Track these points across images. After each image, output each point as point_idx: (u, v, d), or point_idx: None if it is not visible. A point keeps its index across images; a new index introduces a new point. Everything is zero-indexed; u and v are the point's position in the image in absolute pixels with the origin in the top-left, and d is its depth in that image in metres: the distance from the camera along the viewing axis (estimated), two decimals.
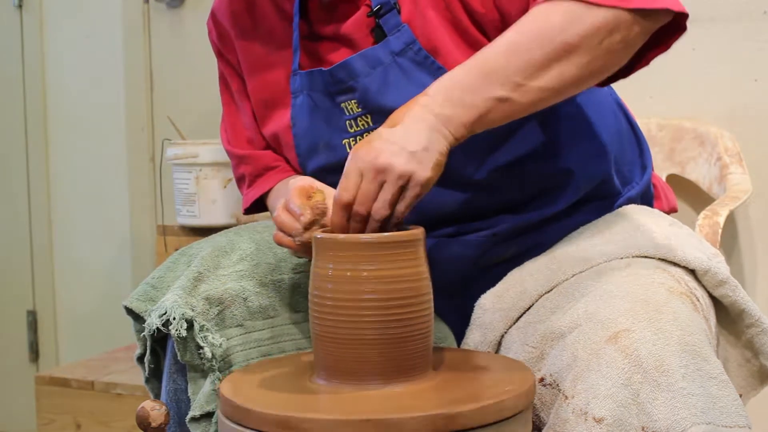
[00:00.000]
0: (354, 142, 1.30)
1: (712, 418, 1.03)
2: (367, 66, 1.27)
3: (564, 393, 1.09)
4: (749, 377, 1.29)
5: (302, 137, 1.35)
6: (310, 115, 1.34)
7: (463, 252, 1.31)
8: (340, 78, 1.29)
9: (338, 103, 1.31)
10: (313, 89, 1.33)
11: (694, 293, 1.19)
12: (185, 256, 1.29)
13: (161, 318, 1.19)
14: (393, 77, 1.26)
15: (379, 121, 1.23)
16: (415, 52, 1.25)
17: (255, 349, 1.24)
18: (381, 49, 1.27)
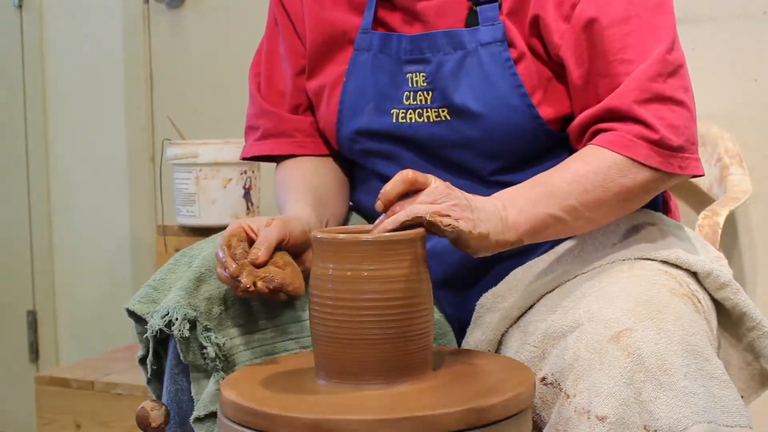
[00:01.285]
0: (404, 114, 1.32)
1: (714, 417, 1.03)
2: (449, 45, 1.29)
3: (566, 392, 1.09)
4: (750, 380, 1.29)
5: (352, 93, 1.36)
6: (371, 74, 1.34)
7: None
8: (420, 47, 1.31)
9: (405, 72, 1.32)
10: (383, 51, 1.34)
11: (695, 295, 1.19)
12: (186, 257, 1.29)
13: (164, 319, 1.19)
14: (469, 64, 1.28)
15: (438, 101, 1.31)
16: (501, 51, 1.27)
17: (258, 348, 1.24)
18: (469, 35, 1.29)
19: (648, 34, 1.21)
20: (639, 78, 1.19)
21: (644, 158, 1.18)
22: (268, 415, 0.99)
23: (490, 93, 1.27)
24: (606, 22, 1.21)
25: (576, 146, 1.27)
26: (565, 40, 1.23)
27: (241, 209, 2.21)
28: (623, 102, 1.19)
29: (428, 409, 0.98)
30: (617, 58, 1.21)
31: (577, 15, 1.23)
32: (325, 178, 1.43)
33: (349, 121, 1.36)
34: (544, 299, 1.22)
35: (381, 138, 1.34)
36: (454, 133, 1.30)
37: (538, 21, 1.25)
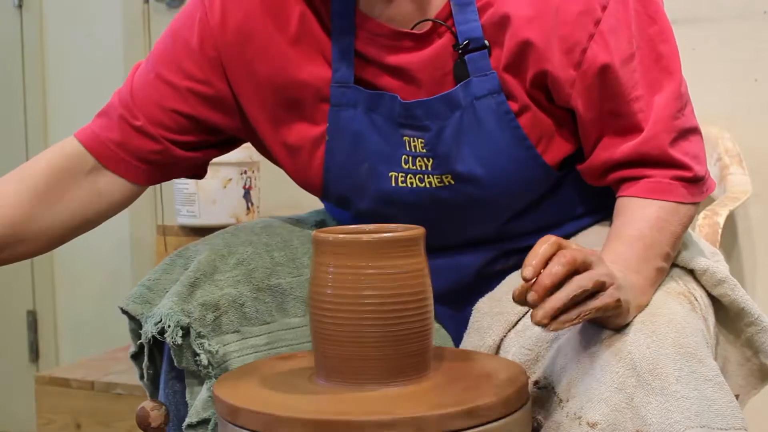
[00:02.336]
0: (404, 178, 1.25)
1: (707, 420, 1.02)
2: (446, 108, 1.22)
3: (558, 396, 1.09)
4: (749, 376, 1.29)
5: (340, 153, 1.26)
6: (362, 132, 1.25)
7: (469, 261, 1.31)
8: (416, 115, 1.22)
9: (401, 135, 1.24)
10: (375, 110, 1.25)
11: (692, 293, 1.18)
12: (182, 258, 1.28)
13: (157, 326, 1.19)
14: (467, 123, 1.21)
15: (440, 168, 1.23)
16: (498, 103, 1.21)
17: (252, 355, 1.23)
18: (462, 90, 1.21)
19: (654, 67, 1.21)
20: (664, 118, 1.19)
21: (683, 197, 1.20)
22: (268, 415, 0.99)
23: (494, 153, 1.21)
24: (618, 65, 1.18)
25: (594, 183, 1.26)
26: (576, 87, 1.19)
27: (241, 209, 2.21)
28: (657, 147, 1.19)
29: (427, 410, 0.98)
30: (631, 97, 1.19)
31: (589, 61, 1.18)
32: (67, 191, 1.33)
33: (339, 182, 1.28)
34: None
35: (379, 201, 1.28)
36: (460, 196, 1.25)
37: (544, 75, 1.19)
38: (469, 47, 1.20)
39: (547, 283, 0.96)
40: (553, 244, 0.99)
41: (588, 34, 1.17)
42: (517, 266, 1.30)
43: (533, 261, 0.97)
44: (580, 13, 1.17)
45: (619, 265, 1.08)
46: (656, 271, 1.15)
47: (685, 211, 1.21)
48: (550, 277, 0.97)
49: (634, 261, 1.12)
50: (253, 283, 1.26)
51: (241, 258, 1.26)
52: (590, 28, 1.17)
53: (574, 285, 0.98)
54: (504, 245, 1.31)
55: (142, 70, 1.32)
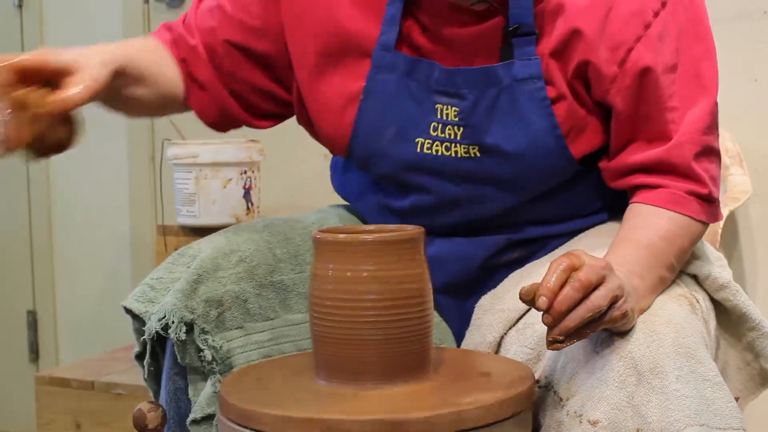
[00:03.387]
0: (429, 145, 1.27)
1: (706, 420, 1.02)
2: (485, 82, 1.24)
3: (558, 395, 1.09)
4: (748, 380, 1.29)
5: (371, 114, 1.29)
6: (394, 97, 1.28)
7: (474, 252, 1.32)
8: (455, 81, 1.25)
9: (434, 102, 1.27)
10: (411, 76, 1.27)
11: (694, 295, 1.19)
12: (184, 256, 1.29)
13: (160, 322, 1.19)
14: (503, 101, 1.24)
15: (469, 138, 1.26)
16: (537, 88, 1.23)
17: (255, 351, 1.24)
18: (503, 70, 1.23)
19: (692, 82, 1.23)
20: (693, 131, 1.22)
21: (695, 213, 1.22)
22: (268, 415, 0.99)
23: (524, 134, 1.24)
24: (660, 70, 1.21)
25: (610, 183, 1.28)
26: (616, 84, 1.21)
27: (241, 209, 2.21)
28: (681, 156, 1.21)
29: (428, 410, 0.98)
30: (666, 105, 1.22)
31: (632, 61, 1.20)
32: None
33: (365, 142, 1.30)
34: None
35: (401, 166, 1.30)
36: (482, 169, 1.27)
37: (587, 65, 1.22)
38: (518, 31, 1.23)
39: (563, 310, 0.99)
40: (566, 270, 1.00)
41: (636, 35, 1.20)
42: (521, 260, 1.31)
43: (547, 292, 0.99)
44: (633, 13, 1.20)
45: (624, 269, 1.09)
46: (659, 279, 1.16)
47: (695, 229, 1.22)
48: (565, 303, 0.99)
49: (639, 266, 1.13)
50: (256, 279, 1.26)
51: (243, 255, 1.27)
52: (639, 30, 1.20)
53: (591, 305, 1.00)
54: (511, 235, 1.32)
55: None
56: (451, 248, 1.32)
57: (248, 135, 2.31)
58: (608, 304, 1.01)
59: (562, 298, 0.99)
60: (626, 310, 1.04)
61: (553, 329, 1.00)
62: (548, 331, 1.01)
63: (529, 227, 1.32)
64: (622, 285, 1.04)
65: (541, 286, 0.99)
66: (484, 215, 1.31)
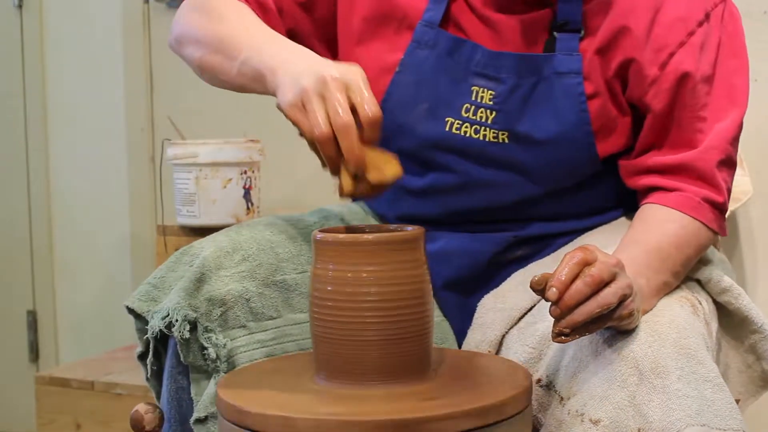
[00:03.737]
0: (459, 125, 1.27)
1: (707, 420, 1.03)
2: (526, 69, 1.25)
3: (560, 394, 1.09)
4: (749, 383, 1.29)
5: (404, 88, 1.30)
6: (431, 74, 1.28)
7: (481, 248, 1.32)
8: (496, 65, 1.27)
9: (470, 83, 1.28)
10: (451, 55, 1.28)
11: (696, 297, 1.20)
12: (187, 255, 1.28)
13: (164, 320, 1.19)
14: (540, 91, 1.25)
15: (500, 123, 1.26)
16: (575, 84, 1.24)
17: (258, 350, 1.24)
18: (545, 61, 1.25)
19: (724, 96, 1.26)
20: (720, 138, 1.24)
21: (708, 221, 1.23)
22: (267, 415, 0.99)
23: (556, 125, 1.25)
24: (698, 78, 1.23)
25: (626, 180, 1.29)
26: (655, 86, 1.23)
27: (241, 209, 2.21)
28: (706, 161, 1.23)
29: (428, 411, 0.98)
30: (697, 114, 1.24)
31: (673, 66, 1.23)
32: None
33: (393, 115, 1.29)
34: (543, 300, 1.22)
35: (426, 144, 1.30)
36: (507, 156, 1.28)
37: (630, 63, 1.24)
38: (564, 27, 1.24)
39: (572, 304, 0.99)
40: (579, 264, 1.01)
41: (679, 40, 1.23)
42: (525, 257, 1.31)
43: (558, 284, 0.99)
44: (679, 18, 1.23)
45: (631, 270, 1.10)
46: (663, 284, 1.16)
47: (704, 237, 1.23)
48: (575, 297, 1.00)
49: (645, 269, 1.14)
50: (259, 278, 1.26)
51: (245, 254, 1.27)
52: (683, 36, 1.23)
53: (600, 302, 1.00)
54: (518, 232, 1.32)
55: None
56: (457, 244, 1.32)
57: (248, 135, 2.31)
58: (617, 301, 1.02)
59: (572, 292, 0.99)
60: (633, 310, 1.05)
61: (559, 321, 1.00)
62: (554, 323, 1.01)
63: (537, 223, 1.33)
64: (631, 284, 1.04)
65: (553, 278, 1.00)
66: (500, 203, 1.31)
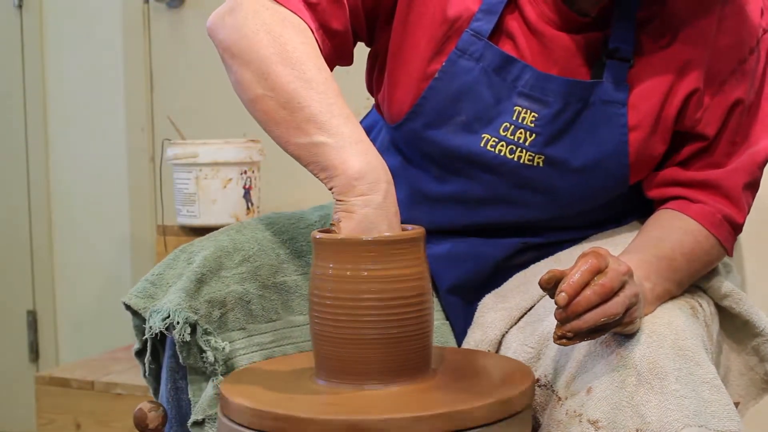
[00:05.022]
0: (495, 143, 1.24)
1: (704, 421, 1.03)
2: (573, 95, 1.23)
3: (558, 394, 1.09)
4: (750, 386, 1.30)
5: (442, 97, 1.24)
6: (473, 87, 1.24)
7: (489, 253, 1.32)
8: (544, 87, 1.23)
9: (514, 102, 1.24)
10: (499, 73, 1.24)
11: (696, 300, 1.20)
12: (185, 253, 1.28)
13: (164, 322, 1.19)
14: (584, 118, 1.23)
15: (538, 147, 1.23)
16: (619, 114, 1.22)
17: (257, 352, 1.24)
18: (592, 87, 1.22)
19: (760, 123, 1.26)
20: (750, 161, 1.24)
21: (723, 239, 1.24)
22: (267, 415, 0.99)
23: (594, 154, 1.23)
24: (746, 105, 1.23)
25: (647, 191, 1.29)
26: (707, 114, 1.23)
27: (241, 209, 2.21)
28: (733, 180, 1.23)
29: (428, 410, 0.98)
30: (731, 138, 1.24)
31: (726, 93, 1.22)
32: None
33: (426, 121, 1.26)
34: (544, 300, 1.22)
35: (457, 156, 1.27)
36: (539, 180, 1.25)
37: (693, 94, 1.22)
38: (614, 54, 1.22)
39: (579, 311, 1.00)
40: (591, 271, 1.00)
41: (731, 68, 1.22)
42: (531, 261, 1.31)
43: (569, 289, 0.99)
44: (731, 47, 1.22)
45: (639, 273, 1.10)
46: (666, 291, 1.16)
47: (716, 254, 1.24)
48: (583, 305, 1.00)
49: (654, 275, 1.14)
50: (259, 280, 1.26)
51: (246, 255, 1.26)
52: (734, 64, 1.22)
53: (607, 311, 1.00)
54: (528, 239, 1.32)
55: None
56: (465, 247, 1.31)
57: (248, 135, 2.31)
58: (624, 311, 1.02)
59: (581, 300, 0.99)
60: (635, 317, 1.05)
61: (564, 325, 1.00)
62: (558, 326, 1.01)
63: (548, 233, 1.32)
64: (638, 293, 1.05)
65: (565, 282, 0.99)
66: (520, 219, 1.30)
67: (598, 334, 1.03)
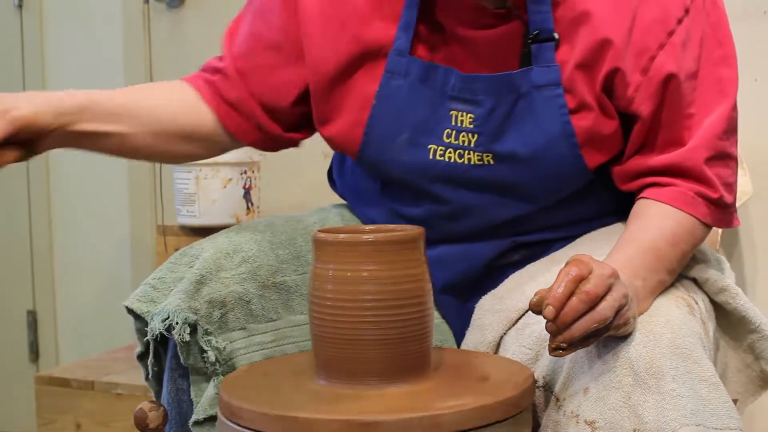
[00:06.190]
0: (442, 152, 1.26)
1: (702, 419, 1.02)
2: (504, 89, 1.23)
3: (555, 395, 1.09)
4: (748, 383, 1.29)
5: (383, 120, 1.27)
6: (407, 103, 1.26)
7: (479, 253, 1.32)
8: (472, 88, 1.24)
9: (449, 108, 1.25)
10: (425, 82, 1.26)
11: (693, 297, 1.19)
12: (186, 256, 1.28)
13: (164, 323, 1.19)
14: (521, 107, 1.23)
15: (483, 146, 1.24)
16: (555, 96, 1.22)
17: (258, 352, 1.24)
18: (522, 75, 1.22)
19: (712, 89, 1.23)
20: (708, 136, 1.22)
21: (702, 216, 1.22)
22: (267, 415, 0.99)
23: (540, 139, 1.23)
24: (682, 78, 1.21)
25: (620, 186, 1.28)
26: (640, 92, 1.21)
27: (241, 209, 2.21)
28: (693, 160, 1.21)
29: (428, 410, 0.98)
30: (685, 112, 1.22)
31: (656, 69, 1.20)
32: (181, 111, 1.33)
33: (376, 147, 1.29)
34: None
35: (413, 172, 1.29)
36: (494, 177, 1.26)
37: (615, 73, 1.21)
38: (538, 37, 1.22)
39: (568, 321, 0.99)
40: (575, 280, 1.00)
41: (659, 42, 1.20)
42: (523, 260, 1.31)
43: (554, 302, 0.99)
44: (656, 20, 1.20)
45: (627, 271, 1.09)
46: (659, 283, 1.16)
47: (699, 232, 1.23)
48: (570, 315, 0.99)
49: (642, 270, 1.13)
50: (259, 280, 1.26)
51: (246, 256, 1.27)
52: (662, 37, 1.20)
53: (597, 317, 1.00)
54: (516, 238, 1.32)
55: (240, 27, 1.37)
56: (455, 249, 1.32)
57: None
58: (614, 314, 1.02)
59: (568, 310, 0.99)
60: (628, 318, 1.04)
61: (556, 337, 1.00)
62: (551, 338, 1.01)
63: (535, 233, 1.32)
64: (627, 293, 1.04)
65: (549, 295, 0.99)
66: (496, 222, 1.30)
67: (592, 340, 1.03)
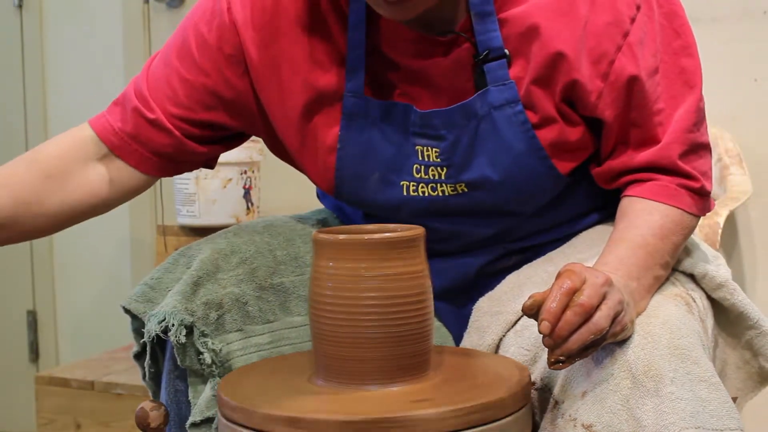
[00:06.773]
0: (415, 187, 1.25)
1: (702, 421, 1.02)
2: (463, 118, 1.22)
3: (554, 398, 1.09)
4: (747, 379, 1.29)
5: (351, 162, 1.27)
6: (372, 143, 1.25)
7: (471, 261, 1.32)
8: (432, 123, 1.22)
9: (413, 144, 1.24)
10: (386, 121, 1.24)
11: (690, 294, 1.19)
12: (184, 257, 1.28)
13: (160, 324, 1.19)
14: (484, 131, 1.21)
15: (454, 177, 1.23)
16: (516, 113, 1.20)
17: (255, 353, 1.23)
18: (479, 99, 1.21)
19: (676, 80, 1.22)
20: (678, 131, 1.21)
21: (687, 207, 1.22)
22: (267, 415, 0.99)
23: (508, 159, 1.22)
24: (645, 77, 1.19)
25: (605, 186, 1.28)
26: (603, 98, 1.20)
27: (241, 209, 2.21)
28: (667, 158, 1.21)
29: (428, 410, 0.98)
30: (653, 109, 1.21)
31: (616, 72, 1.19)
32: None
33: (350, 188, 1.28)
34: None
35: (390, 210, 1.28)
36: (473, 203, 1.26)
37: (573, 85, 1.19)
38: (488, 57, 1.20)
39: (564, 335, 0.99)
40: (568, 293, 1.00)
41: (616, 45, 1.18)
42: (517, 264, 1.31)
43: (549, 316, 0.98)
44: (609, 24, 1.18)
45: (621, 272, 1.09)
46: (654, 279, 1.15)
47: (688, 223, 1.22)
48: (566, 329, 0.99)
49: (636, 269, 1.13)
50: (256, 282, 1.26)
51: (243, 257, 1.26)
52: (618, 39, 1.18)
53: (593, 328, 1.00)
54: (507, 245, 1.32)
55: (159, 62, 1.33)
56: (448, 262, 1.31)
57: None
58: (610, 323, 1.01)
59: (563, 324, 0.99)
60: (626, 323, 1.04)
61: (554, 351, 1.00)
62: (550, 352, 1.01)
63: (525, 239, 1.32)
64: (622, 299, 1.04)
65: (543, 310, 0.99)
66: (485, 237, 1.30)
67: (591, 350, 1.03)
